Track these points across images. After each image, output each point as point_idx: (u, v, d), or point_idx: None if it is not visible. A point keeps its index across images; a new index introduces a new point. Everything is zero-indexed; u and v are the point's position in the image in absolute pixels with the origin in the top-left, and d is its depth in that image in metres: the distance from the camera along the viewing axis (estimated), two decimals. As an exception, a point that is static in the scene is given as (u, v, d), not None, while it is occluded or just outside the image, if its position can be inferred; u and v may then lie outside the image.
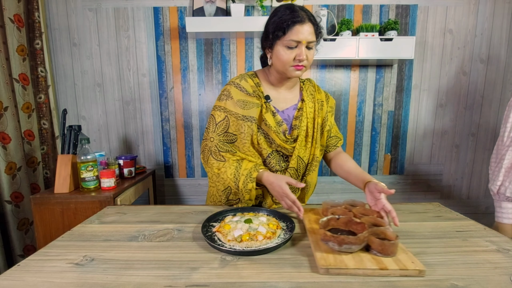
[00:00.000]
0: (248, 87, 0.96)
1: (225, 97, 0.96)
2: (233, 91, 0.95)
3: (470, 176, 1.92)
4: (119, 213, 0.93)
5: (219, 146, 0.95)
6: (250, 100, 0.94)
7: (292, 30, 0.84)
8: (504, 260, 0.61)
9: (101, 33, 1.74)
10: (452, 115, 1.86)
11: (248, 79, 0.97)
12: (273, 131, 0.93)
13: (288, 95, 1.01)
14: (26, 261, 0.62)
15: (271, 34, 0.88)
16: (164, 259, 0.63)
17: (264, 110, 0.94)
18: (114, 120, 1.84)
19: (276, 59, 0.90)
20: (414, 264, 0.57)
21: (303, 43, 0.85)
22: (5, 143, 1.43)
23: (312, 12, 1.71)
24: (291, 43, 0.85)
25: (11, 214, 1.47)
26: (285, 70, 0.90)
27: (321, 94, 1.06)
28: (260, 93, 0.96)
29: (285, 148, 0.96)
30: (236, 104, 0.94)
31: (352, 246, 0.59)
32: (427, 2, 1.73)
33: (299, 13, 0.85)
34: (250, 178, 0.89)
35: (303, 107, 1.00)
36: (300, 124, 0.98)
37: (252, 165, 0.91)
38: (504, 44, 1.77)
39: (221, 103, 0.96)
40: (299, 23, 0.84)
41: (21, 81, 1.53)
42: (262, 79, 1.00)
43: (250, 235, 0.68)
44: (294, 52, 0.86)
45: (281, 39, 0.86)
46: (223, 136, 0.95)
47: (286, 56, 0.87)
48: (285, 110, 1.00)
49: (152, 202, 1.80)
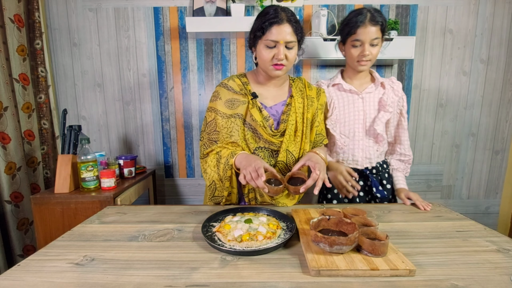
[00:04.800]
0: (235, 86, 1.02)
1: (214, 98, 1.02)
2: (221, 91, 1.02)
3: (470, 176, 1.92)
4: (119, 213, 0.93)
5: (206, 144, 1.01)
6: (237, 98, 1.00)
7: (270, 31, 0.89)
8: (504, 260, 0.61)
9: (101, 33, 1.74)
10: (452, 115, 1.86)
11: (236, 79, 1.04)
12: (260, 125, 0.97)
13: (276, 92, 1.06)
14: (26, 261, 0.62)
15: (253, 34, 0.95)
16: (164, 259, 0.63)
17: (251, 106, 0.99)
18: (114, 120, 1.84)
19: (258, 58, 0.97)
20: (405, 263, 0.57)
21: (281, 43, 0.90)
22: (5, 143, 1.43)
23: (312, 12, 1.72)
24: (270, 43, 0.90)
25: (11, 214, 1.47)
26: (266, 69, 0.96)
27: (312, 90, 1.09)
28: (247, 91, 1.01)
29: (273, 143, 0.99)
30: (224, 104, 1.00)
31: (343, 247, 0.60)
32: (427, 2, 1.73)
33: (280, 14, 0.90)
34: (227, 165, 0.92)
35: (291, 102, 1.03)
36: (287, 118, 1.01)
37: (229, 152, 0.94)
38: (504, 44, 1.77)
39: (211, 104, 1.03)
40: (276, 23, 0.89)
41: (21, 81, 1.53)
42: (250, 79, 1.06)
43: (250, 235, 0.68)
44: (273, 51, 0.91)
45: (261, 38, 0.92)
46: (212, 135, 1.01)
47: (266, 55, 0.92)
48: (273, 106, 1.04)
49: (152, 202, 1.80)
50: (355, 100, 1.13)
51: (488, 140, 1.88)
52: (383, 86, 1.14)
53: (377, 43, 1.03)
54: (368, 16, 1.00)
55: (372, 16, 1.00)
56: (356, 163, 1.15)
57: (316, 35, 1.61)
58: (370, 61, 1.05)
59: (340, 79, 1.16)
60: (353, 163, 1.15)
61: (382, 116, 1.10)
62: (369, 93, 1.14)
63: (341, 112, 1.14)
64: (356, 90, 1.13)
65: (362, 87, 1.15)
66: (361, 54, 1.04)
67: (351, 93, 1.14)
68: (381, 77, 1.16)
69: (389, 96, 1.12)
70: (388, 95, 1.12)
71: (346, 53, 1.10)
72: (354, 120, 1.13)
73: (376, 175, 1.16)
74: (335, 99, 1.15)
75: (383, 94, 1.12)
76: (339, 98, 1.15)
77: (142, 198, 1.70)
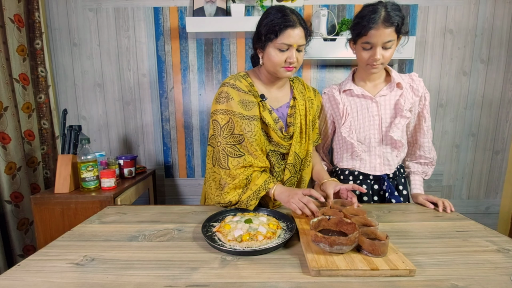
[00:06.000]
0: (243, 86, 0.96)
1: (225, 99, 0.94)
2: (231, 92, 0.94)
3: (470, 176, 1.92)
4: (119, 213, 0.93)
5: (226, 149, 0.93)
6: (248, 99, 0.95)
7: (284, 34, 0.87)
8: (504, 260, 0.61)
9: (101, 33, 1.74)
10: (452, 115, 1.86)
11: (241, 79, 0.97)
12: (272, 128, 0.96)
13: (279, 93, 1.04)
14: (26, 261, 0.62)
15: (263, 36, 0.91)
16: (164, 259, 0.63)
17: (262, 108, 0.96)
18: (114, 120, 1.84)
19: (267, 60, 0.93)
20: (405, 263, 0.57)
21: (294, 47, 0.89)
22: (5, 143, 1.43)
23: (312, 12, 1.72)
24: (283, 46, 0.88)
25: (11, 214, 1.47)
26: (276, 71, 0.93)
27: (310, 92, 1.10)
28: (255, 92, 0.97)
29: (283, 146, 0.99)
30: (238, 104, 0.93)
31: (343, 247, 0.60)
32: (427, 2, 1.73)
33: (291, 17, 0.88)
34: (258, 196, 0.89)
35: (295, 105, 1.03)
36: (294, 121, 1.01)
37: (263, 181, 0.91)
38: (504, 44, 1.77)
39: (222, 106, 0.94)
40: (291, 27, 0.87)
41: (21, 81, 1.53)
42: (254, 79, 1.01)
43: (250, 235, 0.68)
44: (285, 54, 0.89)
45: (273, 41, 0.89)
46: (230, 139, 0.93)
47: (278, 58, 0.90)
48: (279, 108, 1.03)
49: (152, 202, 1.80)
50: (369, 104, 1.04)
51: (488, 140, 1.88)
52: (400, 86, 1.03)
53: (391, 45, 0.92)
54: (382, 16, 0.88)
55: (387, 16, 0.88)
56: (374, 170, 1.08)
57: (316, 35, 1.61)
58: (382, 64, 0.96)
59: (351, 84, 1.07)
60: (371, 169, 1.08)
61: (398, 122, 1.00)
62: (384, 96, 1.04)
63: (355, 118, 1.06)
64: (369, 94, 1.04)
65: (376, 89, 1.05)
66: (372, 58, 0.94)
67: (364, 98, 1.05)
68: (400, 74, 1.06)
69: (407, 97, 1.01)
70: (406, 96, 1.01)
71: (357, 54, 1.01)
72: (369, 126, 1.04)
73: (392, 179, 1.10)
74: (348, 105, 1.07)
75: (400, 96, 1.02)
76: (352, 104, 1.07)
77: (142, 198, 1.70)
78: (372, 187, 1.11)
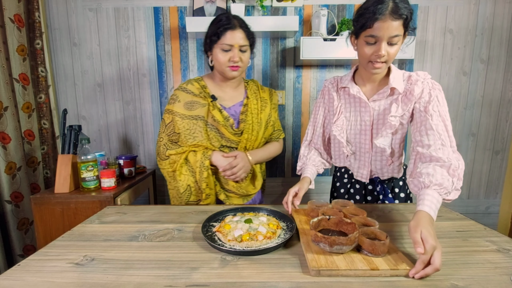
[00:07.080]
0: (194, 89, 1.10)
1: (172, 101, 1.09)
2: (180, 94, 1.09)
3: (470, 176, 1.92)
4: (119, 213, 0.93)
5: (167, 145, 1.10)
6: (196, 101, 1.08)
7: (225, 35, 1.00)
8: (504, 260, 0.61)
9: (101, 33, 1.74)
10: (452, 115, 1.86)
11: (194, 82, 1.12)
12: (222, 125, 1.08)
13: (233, 93, 1.15)
14: (26, 261, 0.63)
15: (208, 39, 1.05)
16: (164, 259, 0.63)
17: (211, 108, 1.08)
18: (114, 120, 1.84)
19: (215, 61, 1.06)
20: (405, 263, 0.57)
21: (236, 47, 1.01)
22: (5, 143, 1.43)
23: (312, 12, 1.72)
24: (225, 47, 1.01)
25: (11, 214, 1.47)
26: (222, 70, 1.06)
27: (265, 92, 1.21)
28: (206, 94, 1.10)
29: (234, 141, 1.11)
30: (183, 106, 1.07)
31: (343, 247, 0.60)
32: (427, 2, 1.73)
33: (232, 21, 1.01)
34: (203, 167, 1.04)
35: (248, 103, 1.14)
36: (246, 118, 1.12)
37: (200, 155, 1.05)
38: (504, 44, 1.77)
39: (169, 107, 1.10)
40: (230, 29, 1.00)
41: (21, 81, 1.53)
42: (208, 82, 1.14)
43: (250, 235, 0.68)
44: (228, 54, 1.02)
45: (217, 43, 1.02)
46: (172, 136, 1.09)
47: (222, 58, 1.03)
48: (232, 107, 1.13)
49: (152, 202, 1.80)
50: (363, 109, 0.97)
51: (488, 140, 1.88)
52: (392, 92, 0.93)
53: (397, 41, 0.82)
54: (390, 6, 0.77)
55: (395, 7, 0.77)
56: (361, 176, 1.05)
57: (316, 35, 1.61)
58: (385, 62, 0.85)
59: (349, 82, 0.98)
60: (358, 174, 1.05)
61: (384, 130, 0.93)
62: (376, 100, 0.95)
63: (348, 118, 1.01)
64: (365, 97, 0.95)
65: (373, 92, 0.97)
66: (375, 54, 0.83)
67: (360, 100, 0.97)
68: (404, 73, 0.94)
69: (399, 103, 0.91)
70: (398, 102, 0.91)
71: (359, 50, 0.89)
72: (360, 130, 0.99)
73: (388, 182, 1.06)
74: (343, 102, 1.02)
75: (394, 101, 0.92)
76: (347, 103, 1.01)
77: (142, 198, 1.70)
78: (366, 187, 1.10)
